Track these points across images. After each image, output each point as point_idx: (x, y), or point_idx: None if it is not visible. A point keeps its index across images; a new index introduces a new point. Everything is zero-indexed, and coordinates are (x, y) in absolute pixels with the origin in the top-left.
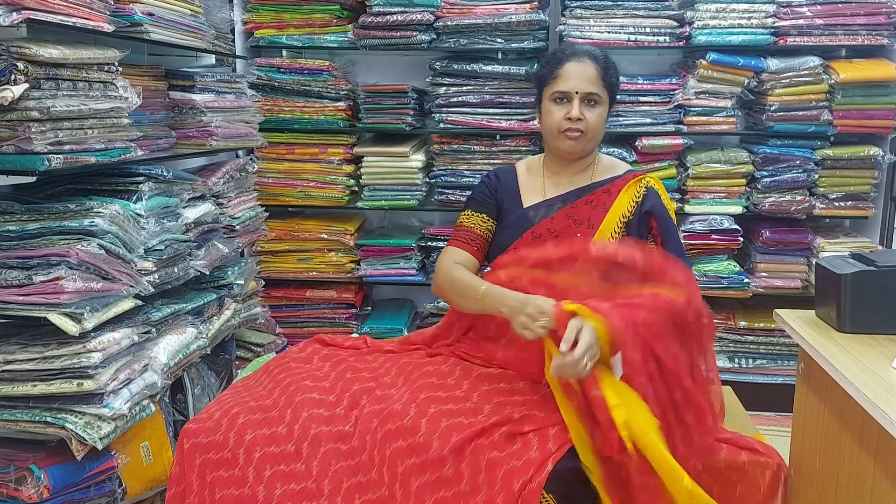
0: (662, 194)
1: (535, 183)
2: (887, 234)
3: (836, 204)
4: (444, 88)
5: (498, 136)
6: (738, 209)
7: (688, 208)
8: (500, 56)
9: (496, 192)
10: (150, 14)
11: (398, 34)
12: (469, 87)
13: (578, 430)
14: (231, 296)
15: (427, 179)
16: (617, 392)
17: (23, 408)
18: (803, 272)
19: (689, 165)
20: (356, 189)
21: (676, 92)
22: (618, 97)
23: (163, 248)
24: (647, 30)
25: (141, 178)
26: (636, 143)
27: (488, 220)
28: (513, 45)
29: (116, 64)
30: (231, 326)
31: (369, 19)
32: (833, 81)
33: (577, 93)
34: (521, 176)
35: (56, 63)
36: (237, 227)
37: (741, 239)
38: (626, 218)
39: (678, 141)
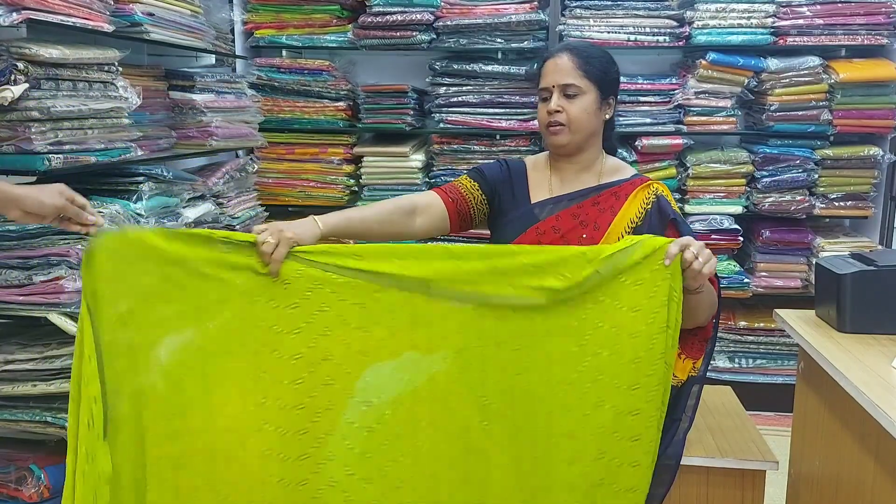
0: (672, 202)
1: (542, 179)
2: (887, 234)
3: (836, 204)
4: (444, 88)
5: (498, 136)
6: (738, 209)
7: (688, 208)
8: (499, 56)
9: (503, 179)
10: (150, 14)
11: (398, 34)
12: (469, 87)
13: None
14: None
15: (427, 179)
16: None
17: (23, 408)
18: (803, 272)
19: (688, 165)
20: (356, 189)
21: (676, 92)
22: (618, 95)
23: None
24: (647, 30)
25: (141, 178)
26: (636, 143)
27: (480, 193)
28: (513, 45)
29: (116, 64)
30: None
31: (369, 19)
32: (833, 81)
33: (554, 86)
34: (529, 171)
35: (56, 63)
36: (237, 227)
37: (741, 239)
38: (633, 223)
39: (678, 141)
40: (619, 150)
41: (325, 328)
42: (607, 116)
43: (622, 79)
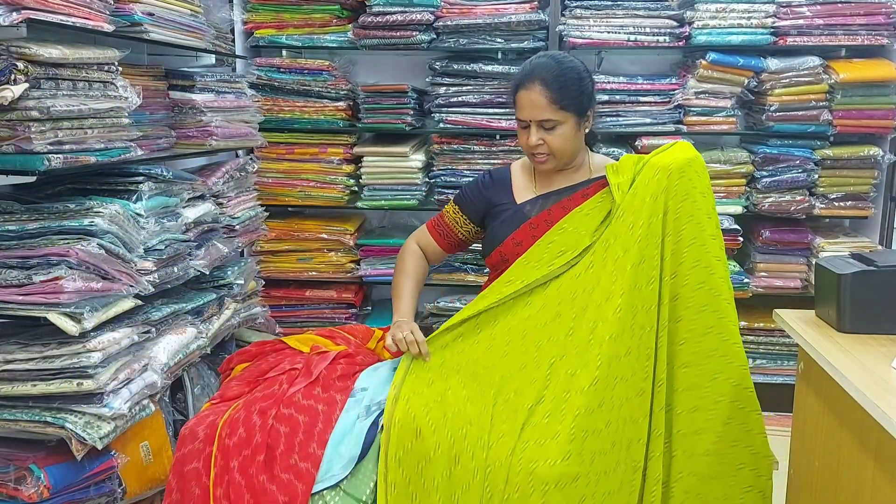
0: None
1: (528, 181)
2: (887, 234)
3: (836, 204)
4: (444, 88)
5: (498, 136)
6: (737, 209)
7: None
8: (499, 56)
9: (487, 194)
10: (150, 14)
11: (398, 34)
12: (469, 87)
13: None
14: (231, 295)
15: (427, 179)
16: None
17: (23, 407)
18: (803, 272)
19: None
20: (356, 189)
21: (676, 92)
22: (617, 96)
23: (163, 247)
24: (647, 30)
25: (141, 178)
26: (636, 142)
27: (469, 223)
28: (513, 45)
29: (116, 64)
30: (231, 326)
31: (369, 19)
32: (833, 81)
33: (531, 121)
34: (515, 174)
35: (56, 63)
36: (237, 227)
37: (741, 239)
38: None
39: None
40: (619, 150)
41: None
42: (588, 127)
43: (622, 79)
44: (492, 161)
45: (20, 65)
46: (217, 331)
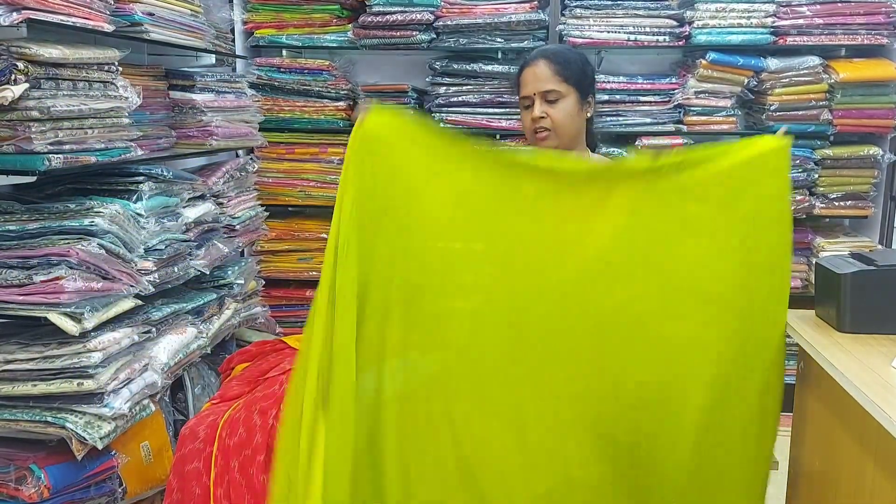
0: None
1: None
2: (887, 234)
3: (836, 203)
4: (444, 88)
5: (498, 136)
6: None
7: None
8: (499, 56)
9: None
10: (150, 14)
11: (398, 34)
12: (469, 87)
13: None
14: (231, 295)
15: None
16: None
17: (23, 407)
18: (803, 272)
19: None
20: None
21: (676, 91)
22: (617, 96)
23: (163, 247)
24: (647, 29)
25: (141, 178)
26: (636, 142)
27: None
28: (512, 44)
29: (116, 64)
30: (231, 326)
31: (369, 19)
32: (833, 81)
33: (534, 94)
34: None
35: (56, 63)
36: (237, 227)
37: None
38: None
39: (678, 141)
40: (619, 150)
41: None
42: (588, 115)
43: (622, 79)
44: None
45: (20, 65)
46: (217, 331)
